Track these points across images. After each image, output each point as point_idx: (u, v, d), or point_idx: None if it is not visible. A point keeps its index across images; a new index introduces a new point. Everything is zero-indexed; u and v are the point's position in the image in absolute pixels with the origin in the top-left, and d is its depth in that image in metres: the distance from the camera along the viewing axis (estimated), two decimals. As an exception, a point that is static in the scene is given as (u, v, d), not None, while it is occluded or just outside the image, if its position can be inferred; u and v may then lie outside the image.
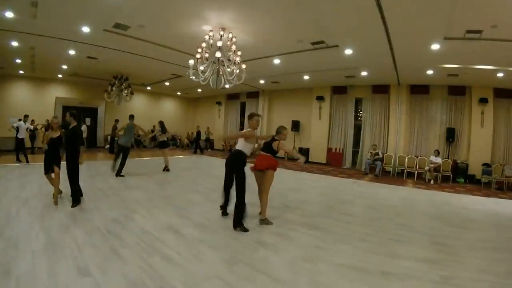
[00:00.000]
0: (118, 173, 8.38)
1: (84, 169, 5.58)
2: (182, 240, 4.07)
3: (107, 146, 16.76)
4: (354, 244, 4.33)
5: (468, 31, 6.76)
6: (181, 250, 3.73)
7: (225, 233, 4.47)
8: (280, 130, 5.10)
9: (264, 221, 5.00)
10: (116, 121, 15.77)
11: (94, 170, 9.04)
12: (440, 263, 3.88)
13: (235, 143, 5.19)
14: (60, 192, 5.68)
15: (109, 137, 16.84)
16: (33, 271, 2.94)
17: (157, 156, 9.56)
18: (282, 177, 10.23)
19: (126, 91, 14.67)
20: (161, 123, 10.32)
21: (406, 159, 12.58)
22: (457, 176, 11.80)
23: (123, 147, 8.61)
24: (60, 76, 15.20)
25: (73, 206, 5.25)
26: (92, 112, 17.18)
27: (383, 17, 6.42)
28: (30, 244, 3.57)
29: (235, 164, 4.79)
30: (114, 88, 14.34)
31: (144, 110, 19.20)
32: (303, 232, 4.77)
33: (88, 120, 16.74)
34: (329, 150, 15.20)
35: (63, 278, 2.86)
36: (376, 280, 3.29)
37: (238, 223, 4.60)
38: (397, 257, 3.98)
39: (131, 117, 9.14)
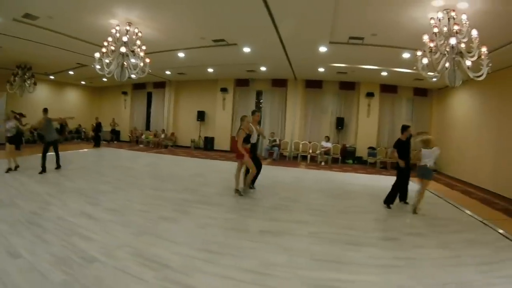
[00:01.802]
0: (58, 166, 8.93)
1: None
2: (95, 222, 4.74)
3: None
4: (240, 213, 5.58)
5: (351, 38, 8.03)
6: (96, 230, 4.43)
7: (132, 214, 5.28)
8: (243, 118, 6.72)
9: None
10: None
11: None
12: (311, 223, 5.20)
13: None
14: None
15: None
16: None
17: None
18: (188, 165, 11.30)
19: (29, 81, 13.84)
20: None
21: (301, 145, 14.54)
22: (346, 158, 14.14)
23: (51, 142, 8.76)
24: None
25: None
26: (-8, 106, 15.45)
27: (273, 21, 7.27)
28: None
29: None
30: (17, 79, 13.46)
31: (47, 101, 17.56)
32: (198, 207, 5.81)
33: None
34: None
35: (-3, 262, 3.30)
36: (255, 236, 4.50)
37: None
38: (275, 220, 5.28)
39: (45, 110, 9.01)
